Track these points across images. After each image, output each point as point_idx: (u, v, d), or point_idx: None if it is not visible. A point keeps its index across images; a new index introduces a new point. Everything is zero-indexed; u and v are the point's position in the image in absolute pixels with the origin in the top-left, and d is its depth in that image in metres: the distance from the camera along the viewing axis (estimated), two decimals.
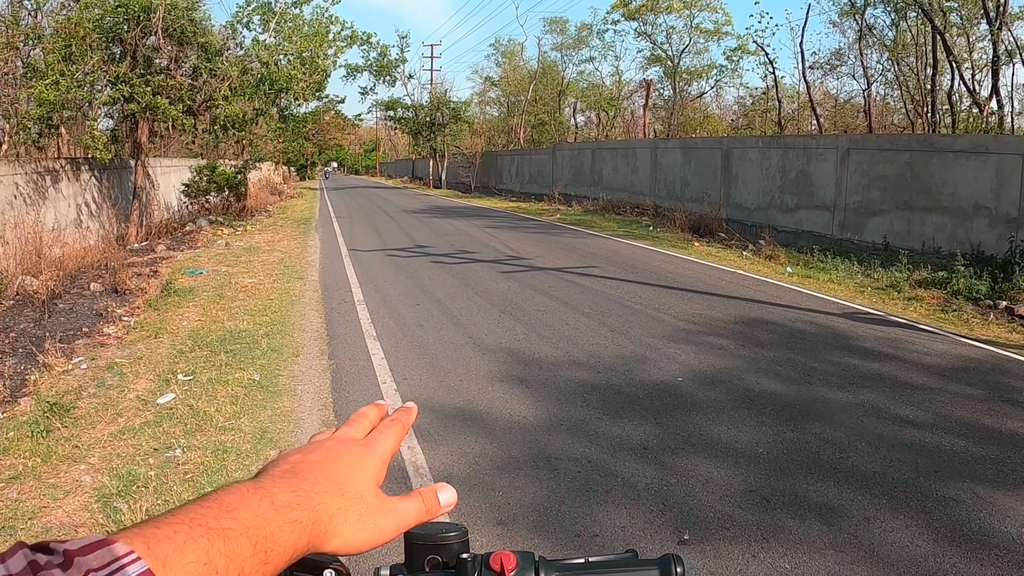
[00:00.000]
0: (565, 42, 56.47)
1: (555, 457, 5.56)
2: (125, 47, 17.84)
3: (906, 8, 29.60)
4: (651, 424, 6.27)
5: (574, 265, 15.27)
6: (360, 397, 6.90)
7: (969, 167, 15.52)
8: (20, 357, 8.26)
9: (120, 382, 7.35)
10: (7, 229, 12.74)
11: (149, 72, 18.02)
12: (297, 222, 26.06)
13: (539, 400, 6.88)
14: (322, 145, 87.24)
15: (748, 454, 5.66)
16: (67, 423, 6.18)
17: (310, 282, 13.17)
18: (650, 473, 5.31)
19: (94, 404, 6.70)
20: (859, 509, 4.76)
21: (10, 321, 9.84)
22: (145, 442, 5.78)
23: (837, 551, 4.25)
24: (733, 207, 23.31)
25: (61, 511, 4.74)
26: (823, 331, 9.92)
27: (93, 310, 10.59)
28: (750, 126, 43.44)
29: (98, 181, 18.22)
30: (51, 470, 5.33)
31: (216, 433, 5.93)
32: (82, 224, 16.77)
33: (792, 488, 5.07)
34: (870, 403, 6.88)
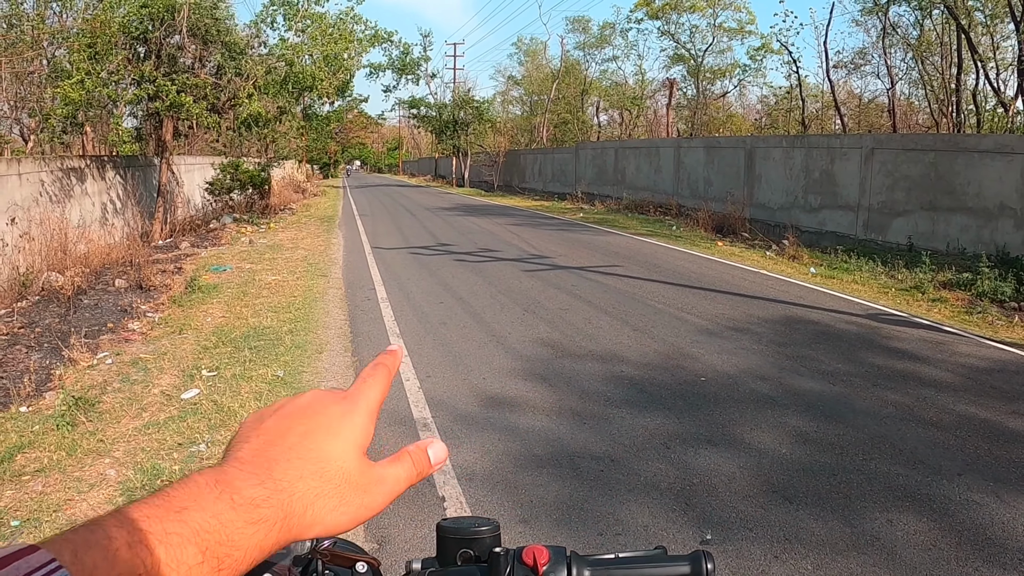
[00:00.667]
0: (588, 41, 56.49)
1: (578, 455, 5.55)
2: (150, 46, 17.96)
3: (931, 6, 29.39)
4: (674, 423, 6.24)
5: (597, 264, 15.24)
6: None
7: (994, 167, 15.38)
8: (45, 352, 8.32)
9: (145, 377, 7.39)
10: (33, 226, 12.85)
11: (174, 71, 18.13)
12: (320, 220, 26.15)
13: (562, 398, 6.86)
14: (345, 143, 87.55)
15: (771, 454, 5.63)
16: (92, 417, 6.22)
17: (333, 279, 13.21)
18: (672, 472, 5.29)
19: (119, 399, 6.74)
20: (882, 511, 4.73)
21: (35, 316, 9.92)
22: (169, 437, 5.81)
23: (860, 553, 4.22)
24: (756, 207, 23.21)
25: (86, 504, 4.76)
26: (847, 332, 9.84)
27: (118, 306, 10.65)
28: (773, 125, 43.24)
29: (122, 179, 18.35)
30: (76, 464, 5.36)
31: None
32: (107, 221, 16.89)
33: (815, 488, 5.03)
34: (894, 404, 6.82)
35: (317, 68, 20.58)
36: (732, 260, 16.59)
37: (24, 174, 13.33)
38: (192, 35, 18.19)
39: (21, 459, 5.44)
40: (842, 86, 38.15)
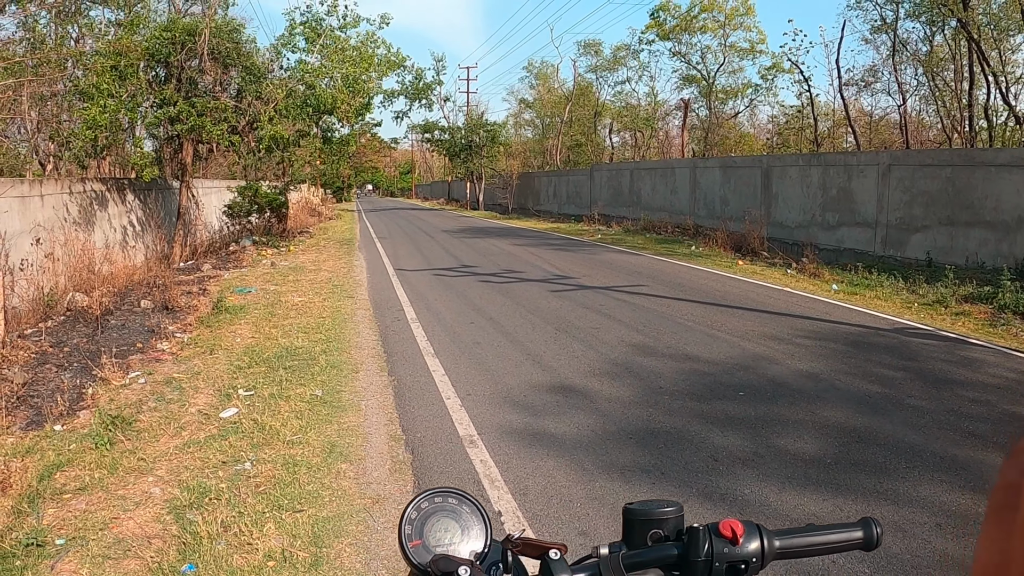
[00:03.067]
0: (600, 64, 56.56)
1: (627, 469, 5.51)
2: (171, 69, 18.07)
3: (942, 22, 29.41)
4: (718, 435, 6.21)
5: (621, 284, 15.19)
6: (425, 412, 6.87)
7: (1012, 181, 15.32)
8: (75, 371, 8.29)
9: (180, 396, 7.35)
10: (56, 246, 12.86)
11: (194, 94, 18.22)
12: (339, 242, 26.17)
13: (604, 414, 6.81)
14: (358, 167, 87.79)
15: (818, 464, 5.63)
16: (130, 436, 6.18)
17: (360, 301, 13.18)
18: (723, 482, 5.27)
19: (156, 418, 6.70)
20: (931, 515, 4.79)
21: (63, 336, 9.90)
22: (212, 455, 5.76)
23: (913, 555, 4.30)
24: (774, 225, 23.14)
25: (132, 522, 4.72)
26: (877, 346, 9.80)
27: (145, 326, 10.63)
28: (785, 144, 43.22)
29: (142, 202, 18.41)
30: (118, 482, 5.32)
31: (284, 447, 5.90)
32: (127, 243, 16.93)
33: (858, 505, 5.00)
34: (930, 416, 6.81)
35: (337, 90, 20.67)
36: (754, 278, 16.53)
37: (46, 195, 13.37)
38: (212, 58, 18.30)
39: (60, 477, 5.40)
40: (853, 104, 38.12)
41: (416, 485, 5.25)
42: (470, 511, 1.28)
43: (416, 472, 5.48)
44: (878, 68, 36.46)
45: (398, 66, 24.16)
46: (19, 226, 12.14)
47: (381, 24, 22.96)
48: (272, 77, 20.50)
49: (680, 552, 1.12)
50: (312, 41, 21.49)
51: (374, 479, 5.36)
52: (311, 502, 4.96)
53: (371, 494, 5.11)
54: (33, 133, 18.38)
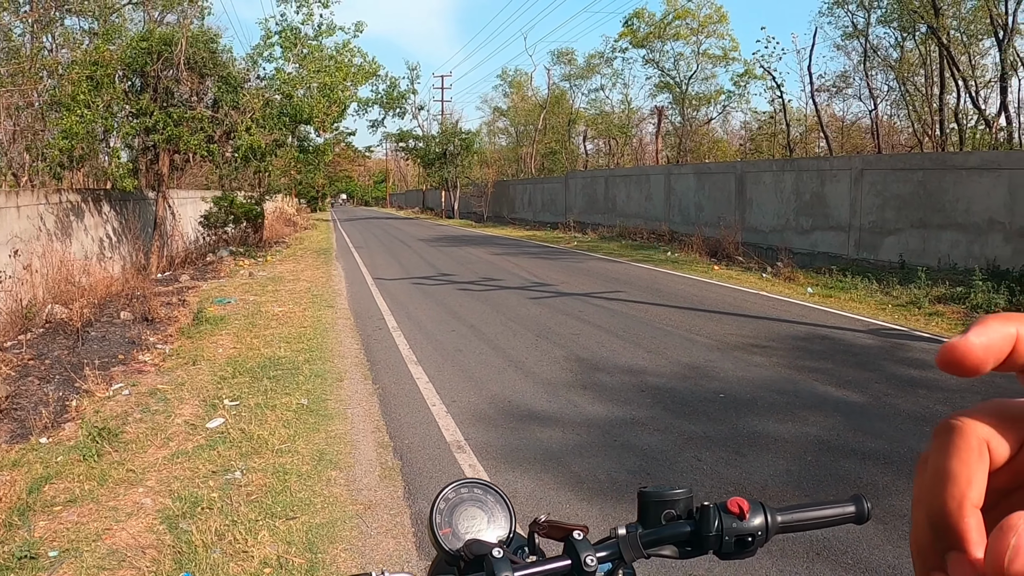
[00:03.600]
0: (574, 72, 56.71)
1: (613, 468, 5.60)
2: (147, 79, 18.02)
3: (912, 27, 29.75)
4: (701, 436, 6.31)
5: (599, 290, 15.28)
6: (412, 419, 6.92)
7: (982, 184, 15.58)
8: (58, 383, 8.27)
9: (165, 407, 7.36)
10: (34, 258, 12.81)
11: (171, 104, 18.18)
12: (316, 252, 26.11)
13: (589, 417, 6.89)
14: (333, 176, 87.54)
15: (799, 461, 5.75)
16: (117, 447, 6.19)
17: (340, 310, 13.19)
18: (708, 482, 5.36)
19: (142, 429, 6.71)
20: (900, 515, 4.87)
21: (43, 348, 9.86)
22: (202, 465, 5.79)
23: (895, 547, 4.39)
24: (749, 230, 23.31)
25: (125, 533, 4.74)
26: (853, 347, 9.96)
27: (126, 338, 10.61)
28: (758, 150, 43.50)
29: (118, 212, 18.33)
30: (108, 493, 5.34)
31: (273, 456, 5.94)
32: (104, 255, 16.86)
33: (845, 494, 5.03)
34: (908, 412, 6.97)
35: (314, 100, 20.66)
36: (730, 283, 16.66)
37: (23, 207, 13.32)
38: (189, 68, 18.26)
39: (50, 490, 5.41)
40: (825, 109, 38.42)
41: (406, 491, 5.30)
42: (495, 500, 1.37)
43: (406, 478, 5.53)
44: (849, 74, 36.85)
45: (373, 75, 24.18)
46: None
47: (356, 32, 22.98)
48: (249, 87, 20.48)
49: (693, 529, 1.20)
50: (288, 50, 21.48)
51: (364, 485, 5.41)
52: (304, 509, 5.00)
53: (362, 500, 5.16)
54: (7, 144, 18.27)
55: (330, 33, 22.02)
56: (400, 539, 4.62)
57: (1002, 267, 14.40)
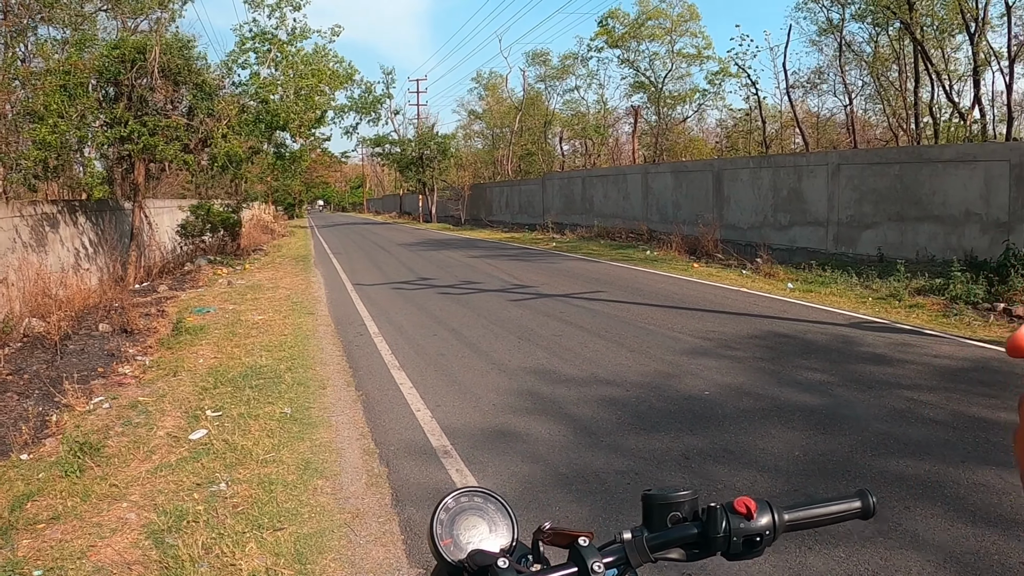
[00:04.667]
0: (549, 73, 56.69)
1: (602, 470, 5.57)
2: (121, 88, 17.88)
3: (886, 23, 29.93)
4: (688, 435, 6.30)
5: (580, 291, 15.28)
6: (396, 425, 6.88)
7: (958, 176, 15.70)
8: (37, 398, 8.19)
9: (147, 420, 7.29)
10: (10, 271, 12.69)
11: (145, 112, 18.05)
12: (295, 259, 26.02)
13: (575, 419, 6.86)
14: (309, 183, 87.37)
15: (786, 457, 5.75)
16: (100, 462, 6.12)
17: (321, 317, 13.13)
18: (697, 481, 5.35)
19: (124, 442, 6.64)
20: (899, 500, 4.93)
21: (21, 363, 9.76)
22: (186, 478, 5.72)
23: (885, 538, 4.42)
24: (727, 227, 23.38)
25: (111, 549, 4.68)
26: (834, 340, 10.02)
27: (105, 350, 10.52)
28: (734, 148, 43.65)
29: (94, 223, 18.18)
30: (92, 509, 5.27)
31: (258, 466, 5.88)
32: (81, 267, 16.71)
33: (834, 487, 5.16)
34: (891, 405, 7.02)
35: (290, 105, 20.57)
36: (711, 280, 16.71)
37: None
38: (163, 76, 18.14)
39: (32, 507, 5.34)
40: (800, 105, 38.61)
41: (394, 498, 5.26)
42: (496, 508, 1.35)
43: (393, 485, 5.49)
44: (824, 70, 37.03)
45: (349, 79, 24.09)
46: None
47: (332, 37, 22.92)
48: (224, 94, 20.37)
49: (700, 530, 1.21)
50: (263, 55, 21.39)
51: (352, 494, 5.36)
52: (291, 520, 4.95)
53: (350, 508, 5.12)
54: None
55: (305, 36, 21.93)
56: (390, 547, 4.57)
57: (980, 258, 14.49)
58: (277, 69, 21.52)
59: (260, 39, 21.59)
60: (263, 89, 20.65)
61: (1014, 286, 12.51)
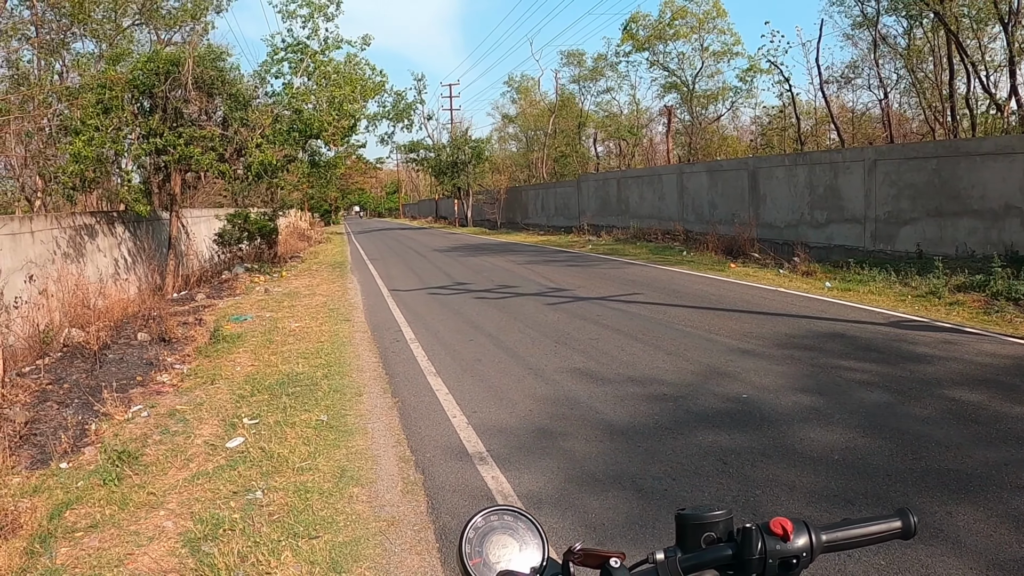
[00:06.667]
0: (582, 74, 56.67)
1: (639, 476, 5.51)
2: (155, 100, 18.07)
3: (920, 15, 29.64)
4: (726, 438, 6.23)
5: (616, 293, 15.21)
6: (433, 432, 6.87)
7: (997, 169, 15.48)
8: (77, 407, 8.25)
9: (185, 428, 7.33)
10: (49, 282, 12.84)
11: (180, 123, 18.22)
12: (331, 266, 26.15)
13: (611, 423, 6.82)
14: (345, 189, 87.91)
15: (825, 460, 5.67)
16: (138, 470, 6.16)
17: (357, 323, 13.17)
18: (735, 485, 5.29)
19: (162, 451, 6.68)
20: (940, 504, 4.84)
21: (61, 372, 9.85)
22: (222, 486, 5.75)
23: (927, 544, 4.34)
24: (763, 226, 23.21)
25: (147, 558, 4.70)
26: (874, 340, 9.87)
27: (143, 359, 10.60)
28: (769, 145, 43.39)
29: (132, 233, 18.38)
30: (129, 517, 5.30)
31: (294, 474, 5.89)
32: (120, 276, 16.89)
33: (873, 490, 5.09)
34: (932, 406, 6.90)
35: (324, 114, 20.68)
36: (748, 280, 16.58)
37: (36, 232, 13.36)
38: (197, 87, 18.30)
39: (71, 515, 5.38)
40: (834, 100, 38.28)
41: (429, 505, 5.25)
42: (526, 527, 1.33)
43: (428, 492, 5.47)
44: (858, 64, 36.67)
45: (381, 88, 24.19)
46: (11, 263, 12.13)
47: (363, 46, 23.05)
48: (257, 103, 20.52)
49: (734, 552, 1.18)
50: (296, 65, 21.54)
51: (387, 501, 5.35)
52: (326, 528, 4.95)
53: (385, 517, 5.11)
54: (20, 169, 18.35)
55: (336, 46, 22.07)
56: (425, 555, 4.56)
57: (1021, 253, 14.30)
58: (310, 79, 21.66)
59: (292, 49, 21.75)
60: (296, 99, 20.79)
61: None
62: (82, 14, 18.35)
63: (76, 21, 17.29)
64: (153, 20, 20.06)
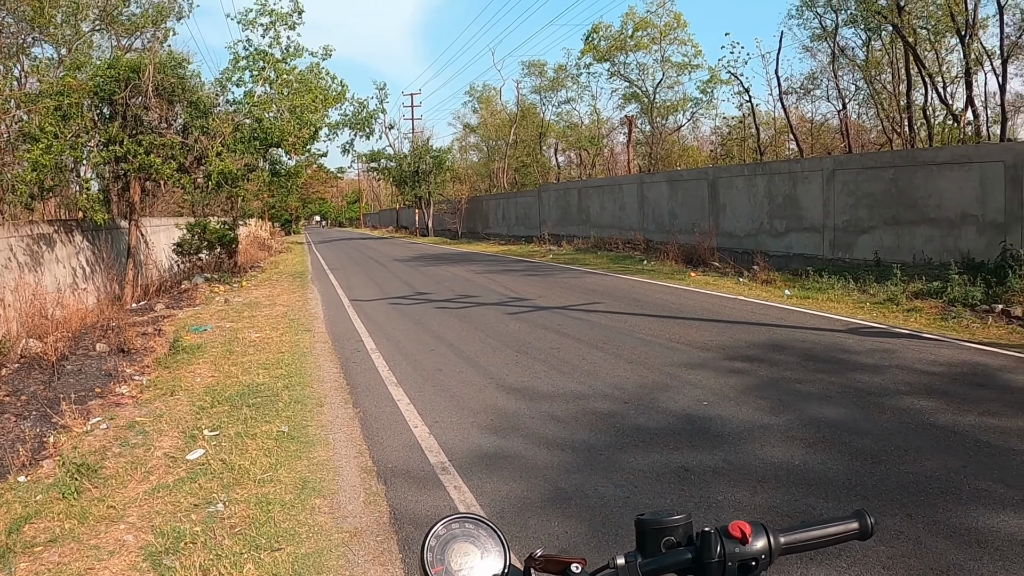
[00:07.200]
0: (543, 84, 56.81)
1: (601, 485, 5.55)
2: (115, 107, 17.91)
3: (879, 28, 30.06)
4: (687, 447, 6.28)
5: (577, 302, 15.27)
6: (394, 442, 6.86)
7: (953, 178, 15.78)
8: (35, 420, 8.16)
9: (144, 440, 7.27)
10: (7, 292, 12.68)
11: (140, 131, 18.07)
12: (292, 276, 25.99)
13: (574, 433, 6.84)
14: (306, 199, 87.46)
15: (786, 467, 5.74)
16: (97, 483, 6.10)
17: (318, 333, 13.10)
18: (696, 493, 5.33)
19: (122, 463, 6.62)
20: (900, 508, 4.93)
21: (19, 384, 9.73)
22: (183, 498, 5.71)
23: (888, 547, 4.41)
24: (723, 235, 23.42)
25: (108, 572, 4.66)
26: (833, 347, 10.02)
27: (102, 370, 10.49)
28: (729, 155, 43.76)
29: (91, 242, 18.17)
30: (89, 531, 5.25)
31: (255, 486, 5.86)
32: (78, 286, 16.69)
33: (835, 495, 5.17)
34: (891, 410, 7.05)
35: (285, 122, 20.59)
36: (708, 289, 16.72)
37: None
38: (158, 95, 18.17)
39: (30, 530, 5.32)
40: (793, 111, 38.74)
41: (392, 516, 5.24)
42: (487, 534, 1.34)
43: (391, 503, 5.46)
44: (817, 75, 37.15)
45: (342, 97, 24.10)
46: None
47: (324, 56, 22.97)
48: (218, 111, 20.40)
49: (694, 555, 1.20)
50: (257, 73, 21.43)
51: (349, 512, 5.34)
52: (289, 540, 4.93)
53: (348, 528, 5.10)
54: None
55: (298, 55, 21.98)
56: (388, 566, 4.56)
57: (977, 259, 14.54)
58: (272, 87, 21.55)
59: (255, 57, 21.65)
60: (257, 107, 20.69)
61: (1012, 287, 12.51)
62: (42, 19, 18.15)
63: (36, 26, 17.08)
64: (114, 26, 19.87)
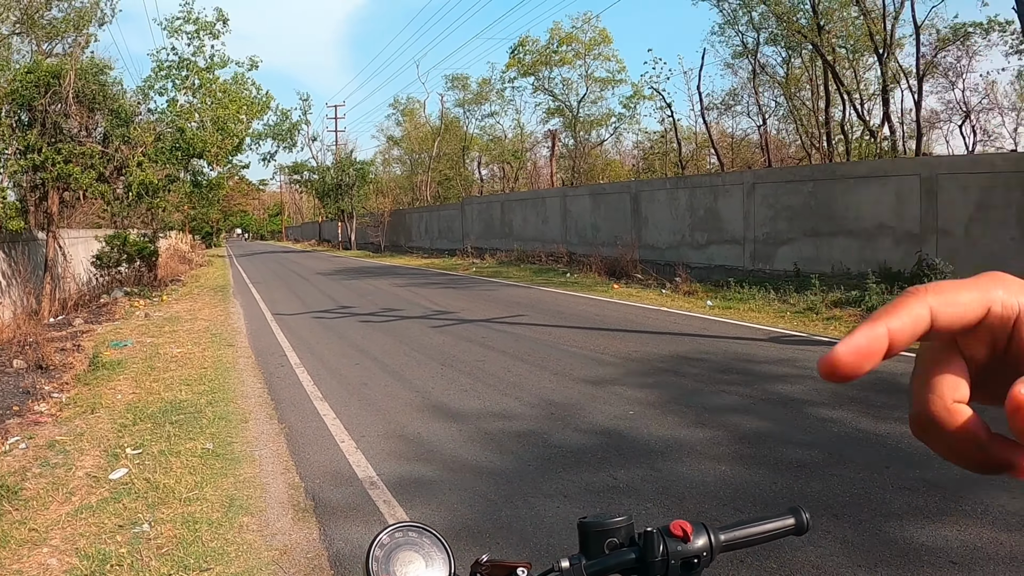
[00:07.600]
0: (467, 98, 56.90)
1: (530, 495, 5.59)
2: (34, 114, 17.53)
3: (799, 46, 30.75)
4: (614, 456, 6.36)
5: (501, 315, 15.34)
6: (321, 457, 6.82)
7: (870, 191, 16.23)
8: None
9: (65, 460, 7.13)
10: None
11: (59, 139, 17.71)
12: (213, 290, 25.63)
13: (501, 445, 6.89)
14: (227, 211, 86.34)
15: (712, 473, 5.87)
16: (18, 505, 5.97)
17: (241, 348, 12.95)
18: (626, 500, 5.42)
19: (42, 484, 6.48)
20: (827, 509, 5.07)
21: None
22: (107, 520, 5.61)
23: (816, 546, 4.52)
24: (645, 248, 23.69)
25: None
26: (756, 355, 10.25)
27: (20, 388, 10.25)
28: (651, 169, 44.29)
29: (6, 255, 17.71)
30: (11, 555, 5.14)
31: (181, 505, 5.79)
32: None
33: (762, 500, 5.29)
34: (814, 415, 7.26)
35: (207, 133, 20.34)
36: (631, 300, 16.92)
37: None
38: (78, 101, 17.83)
39: None
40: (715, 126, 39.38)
41: (322, 532, 5.22)
42: (431, 543, 1.36)
43: (320, 519, 5.44)
44: (738, 92, 37.83)
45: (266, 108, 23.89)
46: None
47: (251, 67, 22.75)
48: (140, 120, 20.09)
49: (638, 555, 1.22)
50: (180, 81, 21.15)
51: (278, 529, 5.31)
52: (217, 559, 4.88)
53: (278, 545, 5.06)
54: None
55: (223, 65, 21.74)
56: None
57: (894, 269, 14.98)
58: (195, 96, 21.29)
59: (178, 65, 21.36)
60: (180, 117, 20.42)
61: None
62: None
63: None
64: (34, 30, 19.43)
